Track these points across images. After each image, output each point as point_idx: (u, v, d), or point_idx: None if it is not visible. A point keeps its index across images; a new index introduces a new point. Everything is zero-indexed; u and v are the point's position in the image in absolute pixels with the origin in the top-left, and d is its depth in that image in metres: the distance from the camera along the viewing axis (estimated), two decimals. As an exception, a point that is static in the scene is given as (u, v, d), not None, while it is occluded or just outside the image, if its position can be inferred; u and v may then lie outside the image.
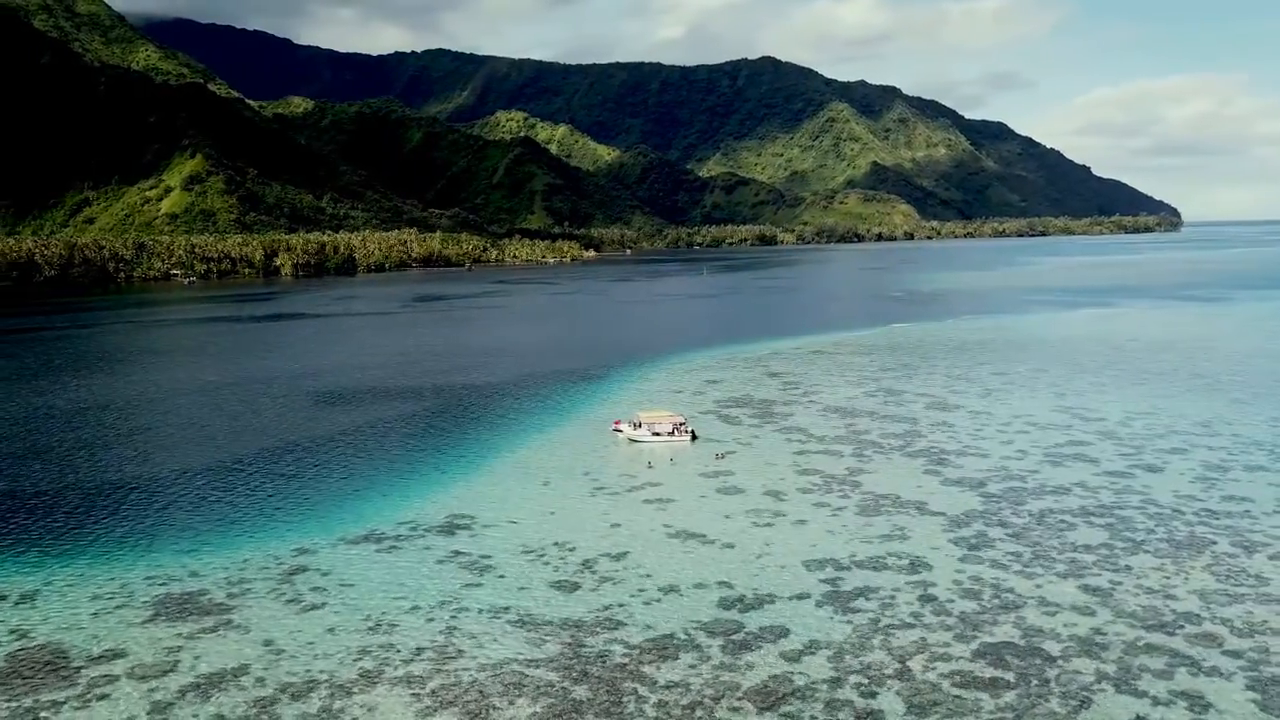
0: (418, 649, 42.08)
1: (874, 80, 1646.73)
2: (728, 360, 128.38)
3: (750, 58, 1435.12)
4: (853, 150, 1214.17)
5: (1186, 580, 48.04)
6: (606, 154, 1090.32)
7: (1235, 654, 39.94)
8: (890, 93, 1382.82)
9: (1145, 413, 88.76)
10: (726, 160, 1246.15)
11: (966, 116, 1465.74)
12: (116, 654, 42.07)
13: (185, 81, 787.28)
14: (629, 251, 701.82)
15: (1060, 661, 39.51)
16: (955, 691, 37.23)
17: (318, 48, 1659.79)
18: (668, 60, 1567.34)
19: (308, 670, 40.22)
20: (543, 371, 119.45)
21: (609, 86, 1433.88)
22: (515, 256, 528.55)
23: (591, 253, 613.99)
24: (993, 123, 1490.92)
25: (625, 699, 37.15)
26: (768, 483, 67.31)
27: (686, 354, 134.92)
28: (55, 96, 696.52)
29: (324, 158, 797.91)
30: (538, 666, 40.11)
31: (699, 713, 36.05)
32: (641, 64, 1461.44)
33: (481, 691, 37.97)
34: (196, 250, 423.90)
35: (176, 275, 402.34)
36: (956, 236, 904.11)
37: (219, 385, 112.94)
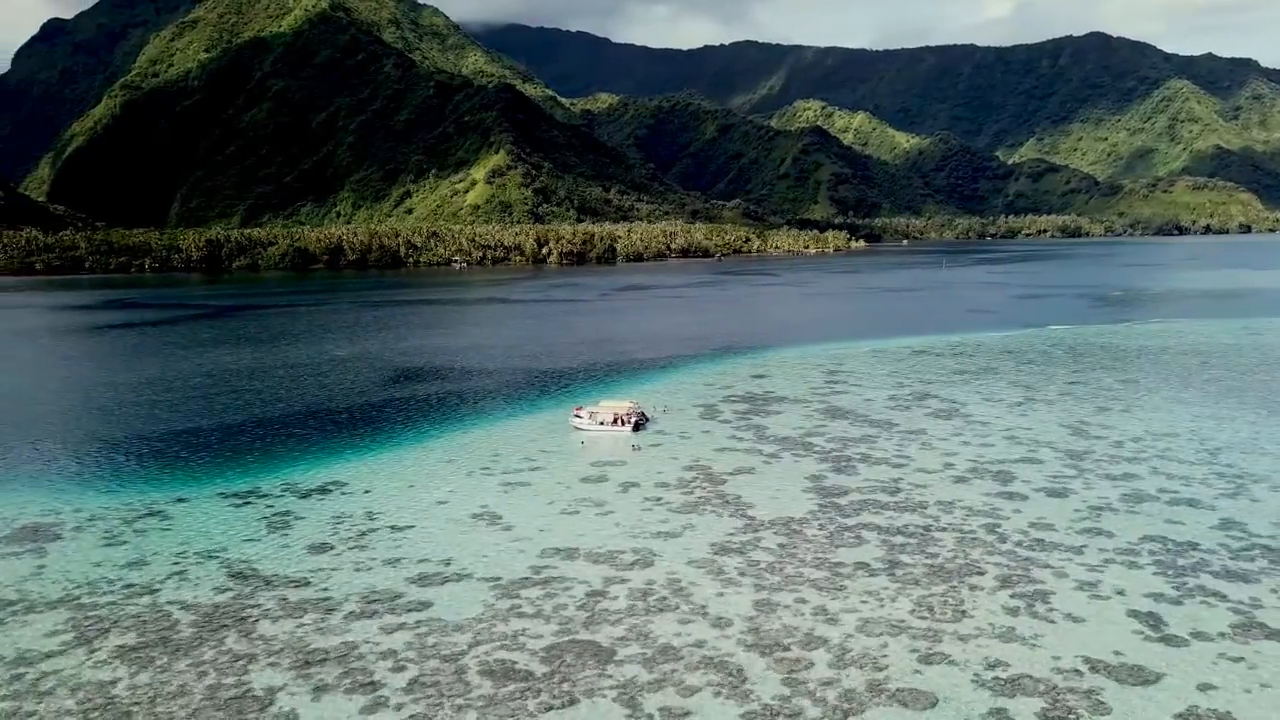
0: (128, 584, 49.27)
1: (1225, 53, 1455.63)
2: (808, 356, 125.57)
3: (1076, 34, 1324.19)
4: (1191, 132, 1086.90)
5: (881, 607, 44.68)
6: (905, 141, 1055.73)
7: (797, 683, 37.71)
8: (1244, 66, 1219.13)
9: (1167, 434, 78.00)
10: (1041, 146, 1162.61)
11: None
12: (-68, 563, 52.96)
13: (500, 83, 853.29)
14: (905, 242, 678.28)
15: (615, 665, 39.29)
16: (474, 679, 38.49)
17: (632, 45, 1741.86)
18: (984, 42, 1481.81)
19: (31, 594, 48.55)
20: (612, 360, 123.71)
21: (917, 72, 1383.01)
22: (777, 247, 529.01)
23: (860, 243, 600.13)
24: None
25: (205, 645, 41.87)
26: (641, 476, 68.08)
27: (777, 348, 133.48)
28: (394, 100, 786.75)
29: (616, 151, 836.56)
30: (189, 610, 45.84)
31: (241, 662, 40.15)
32: (953, 47, 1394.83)
33: (114, 623, 44.35)
34: (476, 239, 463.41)
35: (455, 261, 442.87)
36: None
37: (328, 360, 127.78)
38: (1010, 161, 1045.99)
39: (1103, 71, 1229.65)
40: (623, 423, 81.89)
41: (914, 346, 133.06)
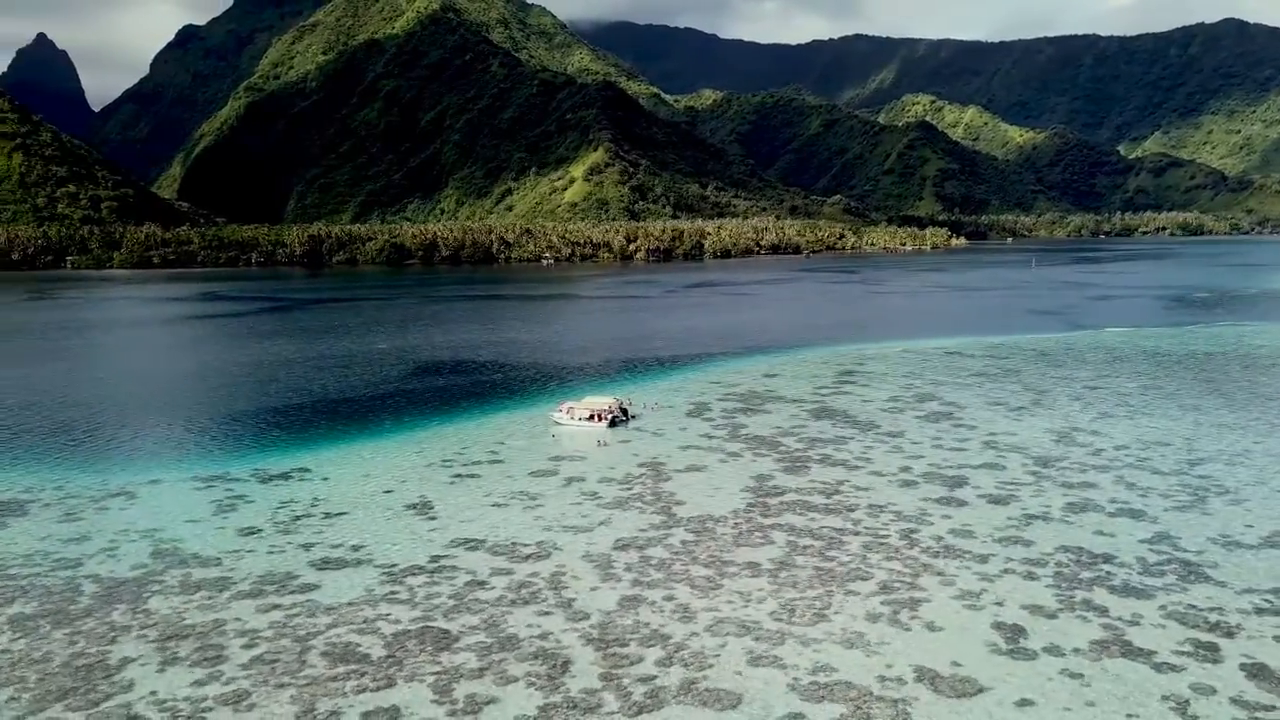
0: (59, 558, 52.61)
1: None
2: (830, 356, 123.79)
3: (1208, 21, 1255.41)
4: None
5: (745, 607, 44.39)
6: (1018, 136, 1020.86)
7: (612, 679, 38.02)
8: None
9: (1157, 442, 74.43)
10: (1167, 140, 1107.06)
11: None
12: (-96, 532, 57.70)
13: (601, 80, 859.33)
14: (1010, 240, 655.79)
15: (449, 653, 40.28)
16: (312, 659, 40.07)
17: (740, 40, 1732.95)
18: (1107, 31, 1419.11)
19: (-24, 561, 52.63)
20: (632, 357, 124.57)
21: (1034, 64, 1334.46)
22: (872, 244, 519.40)
23: (961, 240, 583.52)
24: None
25: (92, 617, 44.60)
26: (590, 471, 68.84)
27: (803, 347, 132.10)
28: (499, 99, 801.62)
29: (715, 148, 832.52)
30: (97, 583, 48.83)
31: (114, 634, 42.68)
32: (1072, 37, 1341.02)
33: (24, 592, 47.60)
34: (566, 235, 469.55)
35: (545, 257, 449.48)
36: None
37: (361, 353, 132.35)
38: (1132, 156, 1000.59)
39: (1237, 60, 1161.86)
40: (599, 419, 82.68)
41: (948, 348, 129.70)
